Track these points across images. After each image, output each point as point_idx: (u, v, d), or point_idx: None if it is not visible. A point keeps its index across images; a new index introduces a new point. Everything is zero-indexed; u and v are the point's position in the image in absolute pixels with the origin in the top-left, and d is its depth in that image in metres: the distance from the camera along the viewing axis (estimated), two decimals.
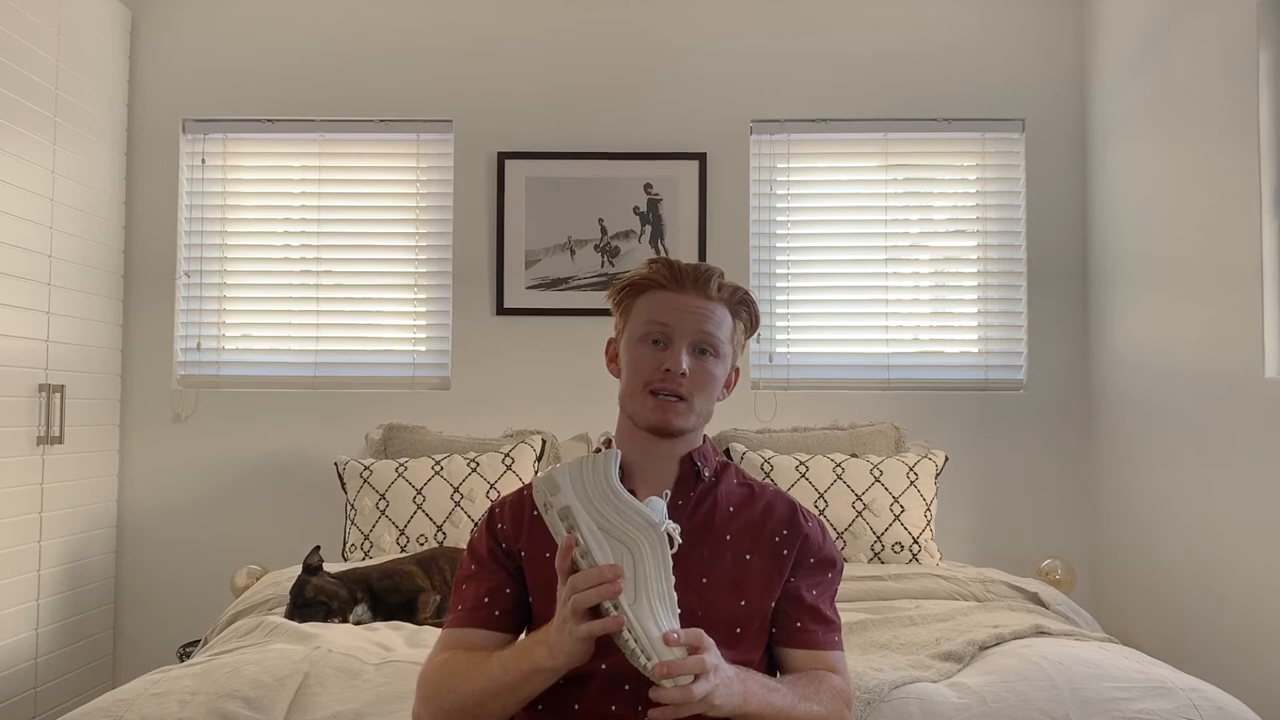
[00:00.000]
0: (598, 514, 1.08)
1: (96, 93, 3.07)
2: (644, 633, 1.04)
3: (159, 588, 3.21)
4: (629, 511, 1.08)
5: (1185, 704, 1.53)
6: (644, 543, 1.08)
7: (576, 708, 1.21)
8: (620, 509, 1.08)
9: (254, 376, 3.30)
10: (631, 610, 1.04)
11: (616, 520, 1.08)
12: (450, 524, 2.72)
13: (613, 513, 1.08)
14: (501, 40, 3.31)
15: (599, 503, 1.08)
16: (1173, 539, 2.69)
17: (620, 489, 1.10)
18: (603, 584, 1.04)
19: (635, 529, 1.08)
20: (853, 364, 3.28)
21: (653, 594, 1.06)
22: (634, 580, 1.06)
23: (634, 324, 1.33)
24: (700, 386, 1.30)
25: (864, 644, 1.90)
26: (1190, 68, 2.60)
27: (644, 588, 1.06)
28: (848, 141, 3.33)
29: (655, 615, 1.05)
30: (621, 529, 1.08)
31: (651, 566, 1.07)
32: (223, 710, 1.53)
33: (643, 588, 1.06)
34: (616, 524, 1.08)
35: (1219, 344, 2.46)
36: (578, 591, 1.04)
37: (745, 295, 1.36)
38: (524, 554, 1.30)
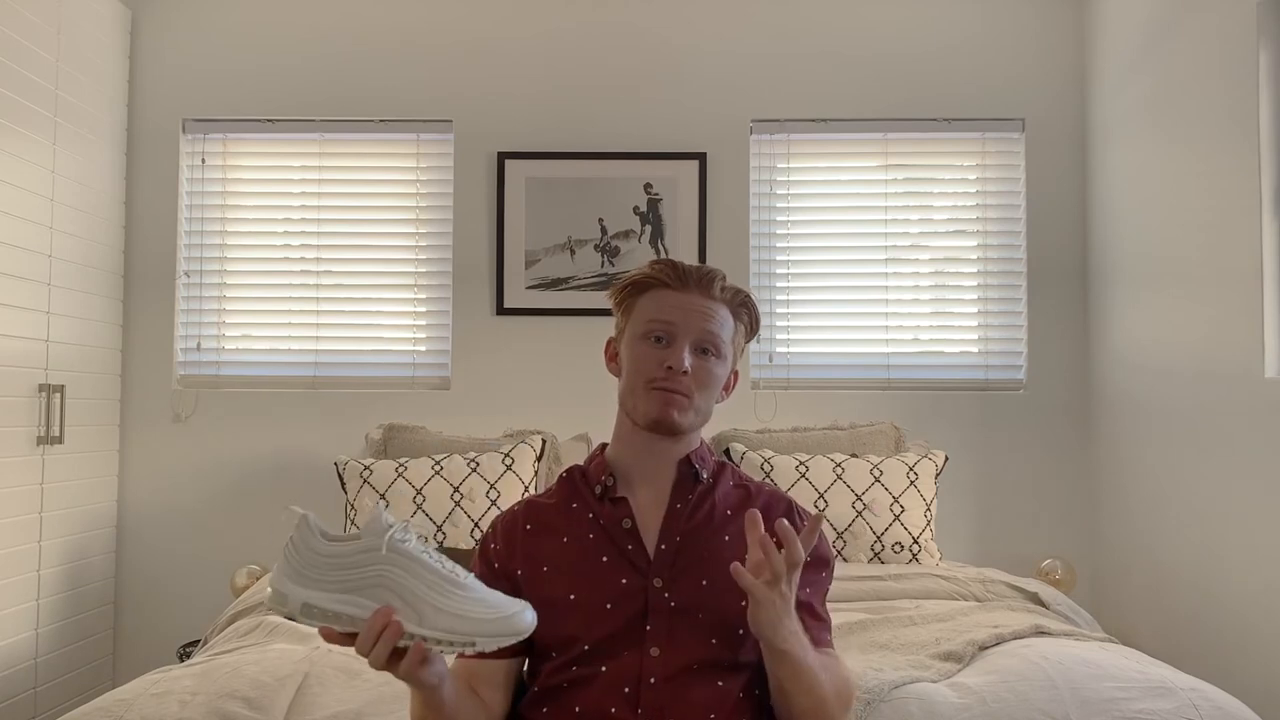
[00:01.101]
0: (332, 584, 1.03)
1: (96, 93, 3.07)
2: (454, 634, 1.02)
3: (159, 588, 3.21)
4: (353, 556, 1.03)
5: (1185, 704, 1.53)
6: (386, 568, 1.03)
7: (577, 709, 1.21)
8: (345, 561, 1.03)
9: (254, 376, 3.30)
10: (423, 629, 1.02)
11: (349, 574, 1.03)
12: (450, 524, 2.72)
13: (343, 573, 1.03)
14: (501, 40, 3.31)
15: (326, 574, 1.03)
16: (1173, 539, 2.69)
17: (327, 546, 1.04)
18: (381, 634, 1.01)
19: (368, 565, 1.03)
20: (853, 364, 3.28)
21: (431, 598, 1.03)
22: (407, 604, 1.03)
23: (636, 322, 1.33)
24: (702, 385, 1.29)
25: (864, 644, 1.90)
26: (1190, 68, 2.60)
27: (420, 601, 1.03)
28: (848, 141, 3.33)
29: (447, 610, 1.03)
30: (361, 578, 1.03)
31: (410, 579, 1.03)
32: (223, 710, 1.53)
33: (419, 603, 1.03)
34: (352, 579, 1.03)
35: (1219, 344, 2.46)
36: (367, 655, 1.02)
37: (747, 298, 1.36)
38: (520, 573, 1.29)
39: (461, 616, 1.03)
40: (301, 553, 1.04)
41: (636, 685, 1.20)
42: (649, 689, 1.20)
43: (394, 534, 1.04)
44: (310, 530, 1.05)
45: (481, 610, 1.04)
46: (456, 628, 1.02)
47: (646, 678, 1.20)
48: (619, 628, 1.22)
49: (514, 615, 1.04)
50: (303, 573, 1.03)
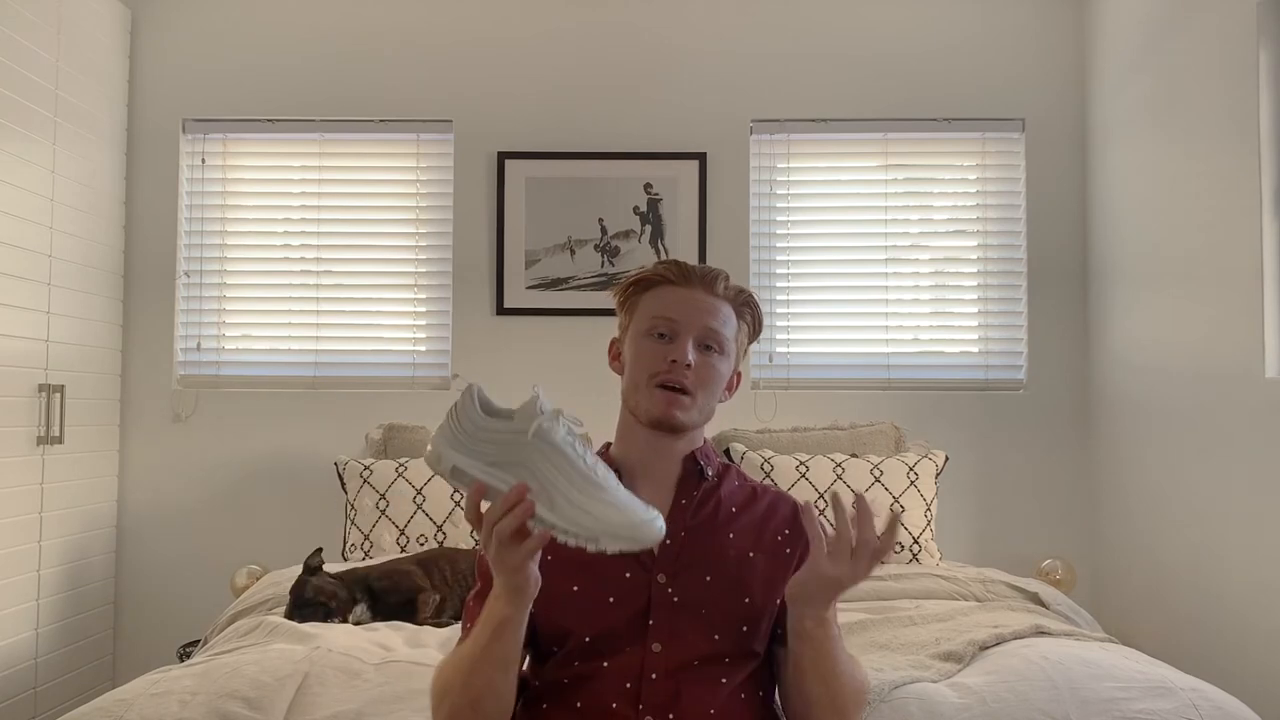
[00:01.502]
0: (483, 455, 1.08)
1: (96, 93, 3.07)
2: (579, 527, 1.05)
3: (159, 588, 3.21)
4: (504, 435, 1.08)
5: (1185, 704, 1.53)
6: (530, 453, 1.07)
7: (579, 705, 1.21)
8: (496, 438, 1.08)
9: (254, 376, 3.30)
10: (553, 516, 1.05)
11: (499, 451, 1.08)
12: (450, 524, 2.72)
13: (493, 447, 1.08)
14: (501, 40, 3.31)
15: (479, 445, 1.08)
16: (1173, 539, 2.69)
17: (485, 419, 1.09)
18: (513, 507, 1.04)
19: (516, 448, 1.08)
20: (853, 364, 3.28)
21: (566, 490, 1.06)
22: (542, 490, 1.06)
23: (640, 319, 1.33)
24: (705, 381, 1.30)
25: (864, 644, 1.90)
26: (1190, 68, 2.60)
27: (555, 491, 1.06)
28: (848, 141, 3.33)
29: (579, 505, 1.05)
30: (507, 455, 1.08)
31: (550, 469, 1.07)
32: (223, 710, 1.53)
33: (554, 491, 1.06)
34: (501, 454, 1.08)
35: (1219, 344, 2.46)
36: (495, 522, 1.04)
37: (750, 297, 1.37)
38: None
39: (590, 514, 1.05)
40: (461, 420, 1.09)
41: (639, 681, 1.20)
42: (651, 684, 1.20)
43: (541, 423, 1.08)
44: (472, 401, 1.10)
45: (612, 513, 1.05)
46: (583, 523, 1.05)
47: (649, 673, 1.20)
48: (621, 622, 1.22)
49: (641, 523, 1.06)
50: (458, 439, 1.08)
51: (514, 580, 1.08)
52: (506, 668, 1.15)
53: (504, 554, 1.05)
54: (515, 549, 1.05)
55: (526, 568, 1.07)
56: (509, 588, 1.09)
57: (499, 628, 1.12)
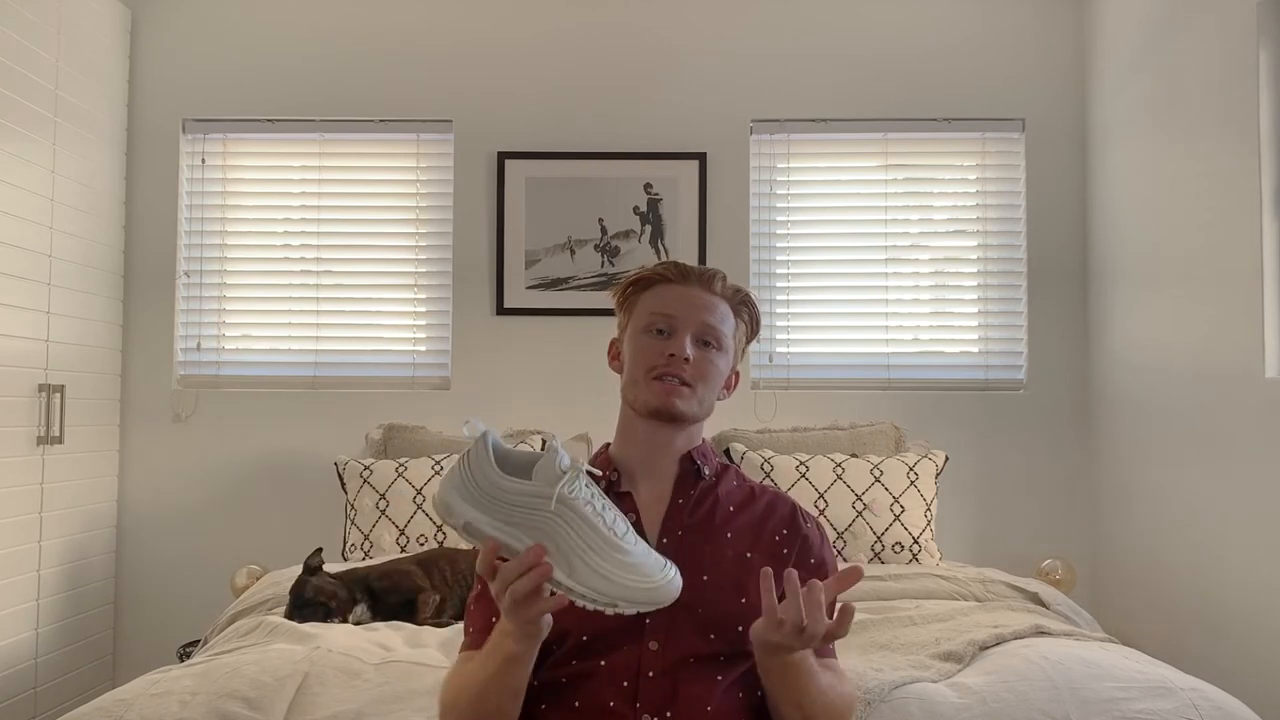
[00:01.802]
0: (498, 513, 1.06)
1: (96, 93, 3.07)
2: (597, 593, 1.04)
3: (159, 588, 3.21)
4: (523, 497, 1.06)
5: (1185, 704, 1.53)
6: (550, 517, 1.06)
7: (576, 704, 1.21)
8: (511, 497, 1.06)
9: (254, 376, 3.30)
10: (571, 581, 1.04)
11: (516, 511, 1.06)
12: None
13: (508, 505, 1.06)
14: (501, 40, 3.31)
15: (493, 502, 1.06)
16: (1173, 539, 2.69)
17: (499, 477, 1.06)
18: (530, 570, 1.03)
19: (536, 510, 1.06)
20: (853, 364, 3.28)
21: (585, 555, 1.05)
22: (560, 554, 1.05)
23: (638, 316, 1.35)
24: (703, 375, 1.31)
25: (864, 644, 1.90)
26: (1190, 68, 2.60)
27: (574, 556, 1.05)
28: (848, 141, 3.33)
29: (597, 570, 1.04)
30: (524, 516, 1.06)
31: (571, 533, 1.05)
32: (223, 710, 1.53)
33: (573, 556, 1.05)
34: (518, 513, 1.06)
35: (1219, 344, 2.46)
36: (510, 583, 1.04)
37: (747, 296, 1.39)
38: None
39: (609, 580, 1.04)
40: (475, 474, 1.06)
41: (635, 679, 1.20)
42: (647, 683, 1.20)
43: (562, 489, 1.06)
44: (486, 453, 1.07)
45: (632, 578, 1.04)
46: (602, 589, 1.04)
47: (645, 672, 1.20)
48: (618, 621, 1.22)
49: (660, 586, 1.05)
50: (472, 492, 1.06)
51: (526, 629, 1.09)
52: (516, 695, 1.16)
53: (518, 610, 1.05)
54: (529, 607, 1.05)
55: (540, 620, 1.08)
56: (520, 633, 1.09)
57: (508, 662, 1.12)
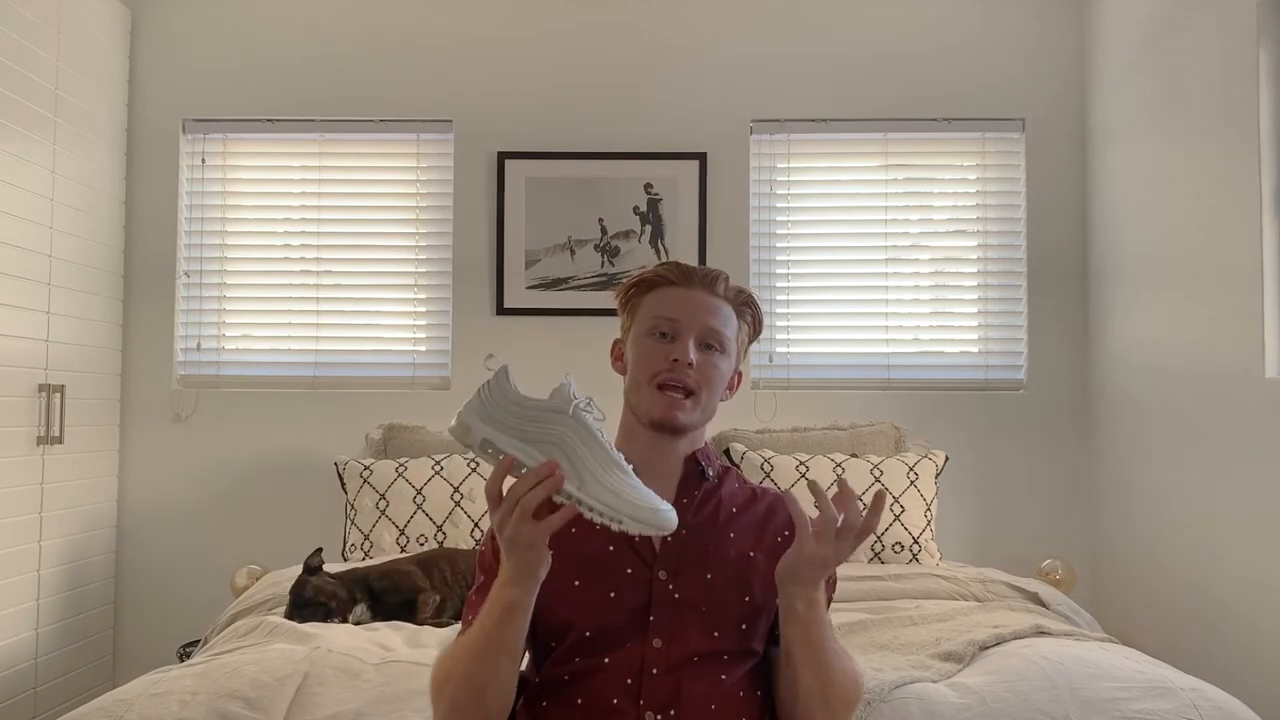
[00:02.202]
0: (515, 430, 1.10)
1: (96, 93, 3.07)
2: (605, 504, 1.07)
3: (159, 588, 3.21)
4: (538, 412, 1.11)
5: (1185, 704, 1.53)
6: (565, 431, 1.10)
7: (579, 701, 1.21)
8: (530, 414, 1.11)
9: (254, 376, 3.30)
10: (582, 493, 1.08)
11: (532, 426, 1.10)
12: (450, 524, 2.72)
13: (525, 422, 1.10)
14: (501, 40, 3.31)
15: (510, 420, 1.10)
16: (1173, 539, 2.69)
17: (521, 396, 1.11)
18: (544, 480, 1.06)
19: (551, 424, 1.10)
20: (853, 364, 3.28)
21: (595, 470, 1.09)
22: (573, 467, 1.09)
23: (641, 319, 1.35)
24: (706, 380, 1.31)
25: (864, 644, 1.90)
26: (1190, 68, 2.60)
27: (585, 469, 1.09)
28: (848, 141, 3.33)
29: (606, 485, 1.09)
30: (540, 431, 1.10)
31: (582, 448, 1.10)
32: (223, 710, 1.53)
33: (584, 470, 1.09)
34: (534, 429, 1.10)
35: (1219, 344, 2.46)
36: (522, 495, 1.06)
37: (750, 297, 1.39)
38: None
39: (617, 495, 1.08)
40: (495, 396, 1.11)
41: (639, 676, 1.20)
42: (651, 680, 1.20)
43: (579, 403, 1.12)
44: (506, 378, 1.12)
45: (635, 495, 1.09)
46: (610, 502, 1.08)
47: (649, 669, 1.21)
48: (622, 618, 1.23)
49: (661, 510, 1.09)
50: (491, 413, 1.10)
51: (526, 559, 1.09)
52: (513, 654, 1.16)
53: (523, 528, 1.06)
54: (536, 524, 1.06)
55: (541, 545, 1.08)
56: (520, 566, 1.10)
57: (507, 611, 1.12)
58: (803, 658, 1.19)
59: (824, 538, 1.14)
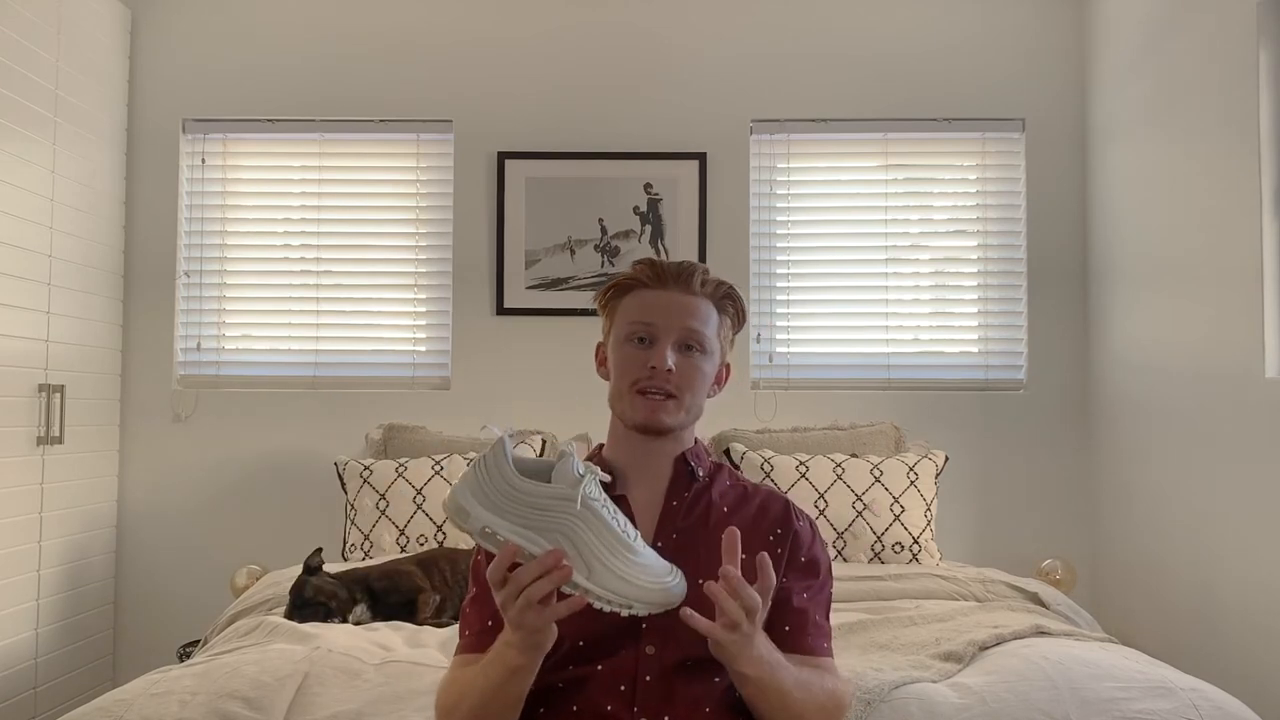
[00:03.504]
0: (517, 517, 1.07)
1: (96, 93, 3.07)
2: (615, 592, 1.05)
3: (159, 588, 3.21)
4: (543, 500, 1.07)
5: (1185, 704, 1.53)
6: (570, 519, 1.07)
7: (575, 708, 1.21)
8: (532, 500, 1.07)
9: (254, 376, 3.30)
10: (589, 583, 1.05)
11: (535, 513, 1.07)
12: (450, 524, 2.71)
13: (527, 509, 1.07)
14: (501, 40, 3.31)
15: (510, 505, 1.07)
16: (1173, 539, 2.69)
17: (520, 480, 1.07)
18: (550, 573, 1.04)
19: (556, 513, 1.07)
20: (853, 364, 3.28)
21: (604, 557, 1.06)
22: (580, 557, 1.06)
23: (619, 324, 1.33)
24: (688, 383, 1.29)
25: (864, 644, 1.90)
26: (1190, 68, 2.60)
27: (593, 558, 1.06)
28: (848, 141, 3.33)
29: (615, 572, 1.06)
30: (544, 519, 1.07)
31: (590, 535, 1.07)
32: (223, 710, 1.53)
33: (592, 559, 1.06)
34: (537, 516, 1.07)
35: (1219, 344, 2.46)
36: (526, 585, 1.04)
37: (730, 289, 1.36)
38: None
39: (626, 581, 1.06)
40: (493, 478, 1.07)
41: (632, 683, 1.20)
42: (645, 686, 1.20)
43: (586, 489, 1.07)
44: (504, 455, 1.08)
45: (645, 578, 1.07)
46: (619, 589, 1.06)
47: (642, 675, 1.20)
48: (614, 625, 1.22)
49: (670, 588, 1.07)
50: (490, 497, 1.07)
51: (533, 639, 1.09)
52: (516, 704, 1.17)
53: (528, 615, 1.05)
54: (542, 612, 1.05)
55: (550, 628, 1.08)
56: (526, 643, 1.09)
57: (512, 674, 1.13)
58: (767, 707, 1.17)
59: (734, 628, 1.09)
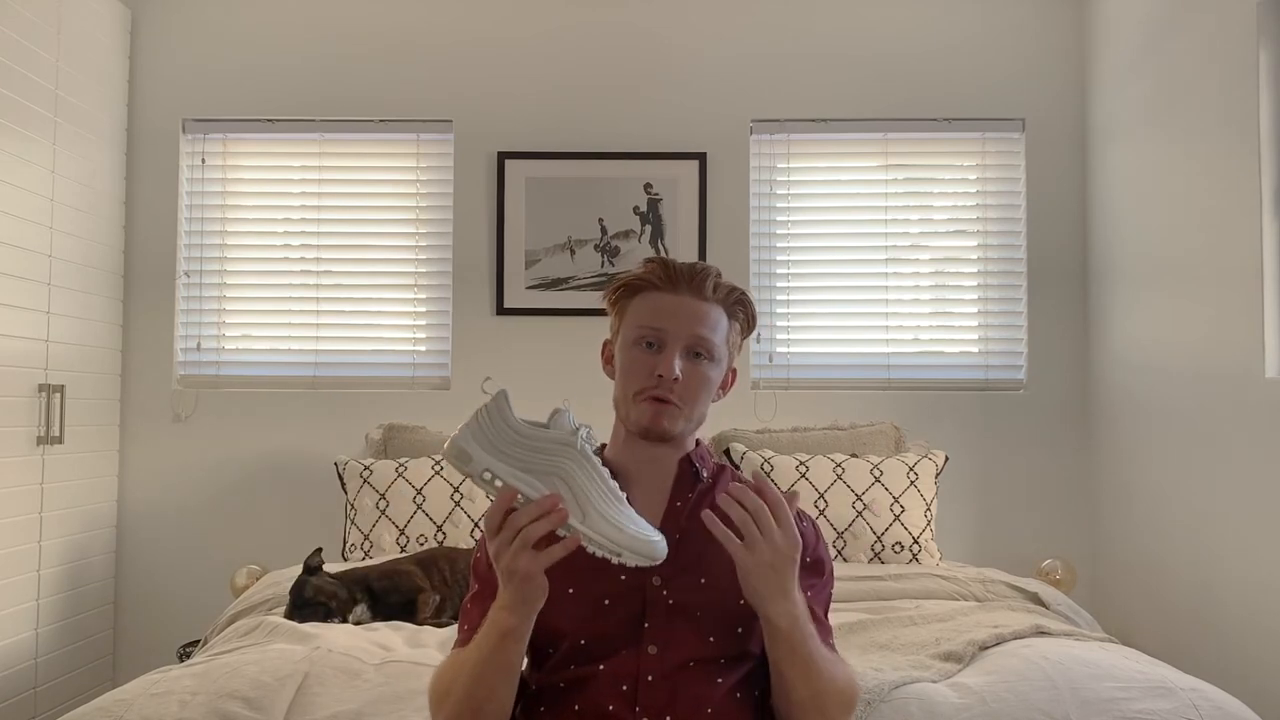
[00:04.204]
0: (515, 460, 1.09)
1: (96, 93, 3.07)
2: (607, 537, 1.08)
3: (159, 588, 3.21)
4: (542, 442, 1.10)
5: (1185, 704, 1.53)
6: (568, 463, 1.10)
7: (576, 708, 1.21)
8: (532, 444, 1.10)
9: (254, 376, 3.30)
10: (584, 526, 1.08)
11: (534, 456, 1.10)
12: (450, 524, 2.72)
13: (527, 451, 1.10)
14: (501, 40, 3.31)
15: (511, 449, 1.10)
16: (1173, 539, 2.69)
17: (522, 425, 1.10)
18: (547, 514, 1.06)
19: (554, 456, 1.10)
20: (853, 364, 3.28)
21: (597, 502, 1.09)
22: (575, 500, 1.08)
23: (628, 326, 1.32)
24: (694, 390, 1.29)
25: (864, 644, 1.90)
26: (1190, 68, 2.60)
27: (587, 502, 1.09)
28: (848, 141, 3.33)
29: (608, 518, 1.09)
30: (542, 462, 1.10)
31: (585, 480, 1.10)
32: (223, 710, 1.53)
33: (586, 503, 1.09)
34: (536, 459, 1.10)
35: (1219, 344, 2.46)
36: (523, 526, 1.06)
37: (742, 295, 1.35)
38: None
39: (618, 528, 1.08)
40: (495, 423, 1.10)
41: (634, 683, 1.20)
42: (647, 686, 1.20)
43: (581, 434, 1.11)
44: (506, 404, 1.11)
45: (634, 529, 1.09)
46: (612, 536, 1.08)
47: (644, 675, 1.20)
48: (617, 625, 1.22)
49: (656, 542, 1.10)
50: (492, 441, 1.10)
51: (524, 589, 1.09)
52: (510, 675, 1.16)
53: (523, 559, 1.06)
54: (536, 555, 1.06)
55: (539, 575, 1.08)
56: (517, 596, 1.10)
57: (504, 638, 1.13)
58: (793, 673, 1.18)
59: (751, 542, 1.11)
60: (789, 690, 1.19)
